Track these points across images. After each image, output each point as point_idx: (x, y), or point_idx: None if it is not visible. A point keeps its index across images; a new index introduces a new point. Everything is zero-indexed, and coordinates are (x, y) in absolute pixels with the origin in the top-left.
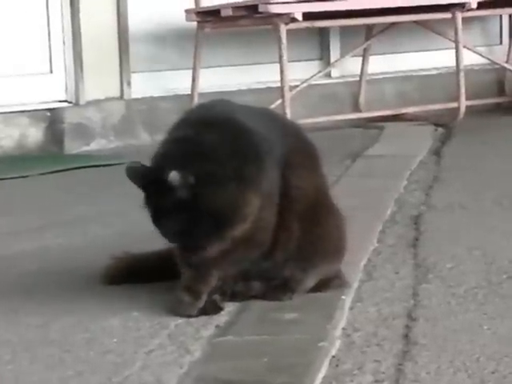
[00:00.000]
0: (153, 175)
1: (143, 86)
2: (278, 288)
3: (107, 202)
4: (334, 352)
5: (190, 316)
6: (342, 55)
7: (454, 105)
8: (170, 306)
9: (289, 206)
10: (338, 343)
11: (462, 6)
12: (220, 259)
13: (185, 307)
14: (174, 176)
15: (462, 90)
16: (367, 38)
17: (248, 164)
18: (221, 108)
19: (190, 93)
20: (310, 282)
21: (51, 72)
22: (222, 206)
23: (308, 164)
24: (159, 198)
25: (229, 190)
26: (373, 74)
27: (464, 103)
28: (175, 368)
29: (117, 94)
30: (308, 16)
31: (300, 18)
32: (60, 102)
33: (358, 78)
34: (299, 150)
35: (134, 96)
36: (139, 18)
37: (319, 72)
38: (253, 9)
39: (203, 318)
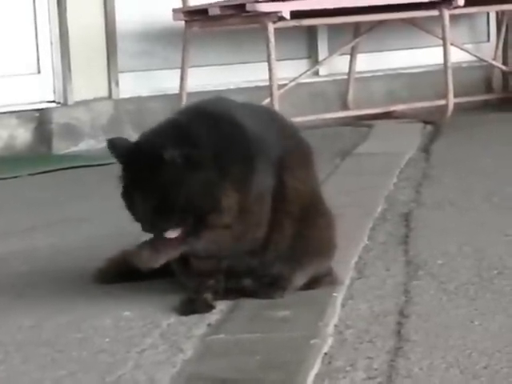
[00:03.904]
0: (142, 149)
1: (131, 85)
2: (269, 286)
3: (98, 202)
4: (326, 349)
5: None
6: (330, 53)
7: (443, 102)
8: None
9: (283, 206)
10: (330, 340)
11: (449, 4)
12: (205, 245)
13: (144, 260)
14: (170, 153)
15: (450, 88)
16: (355, 36)
17: (234, 160)
18: (219, 105)
19: (178, 92)
20: (300, 280)
21: (39, 72)
22: (198, 192)
23: (304, 165)
24: (142, 172)
25: (209, 179)
26: (361, 72)
27: (452, 100)
28: (168, 367)
29: (105, 93)
30: (296, 14)
31: (288, 16)
32: (48, 102)
33: (346, 77)
34: (296, 150)
35: (122, 96)
36: (127, 18)
37: (307, 70)
38: (240, 8)
39: (195, 317)
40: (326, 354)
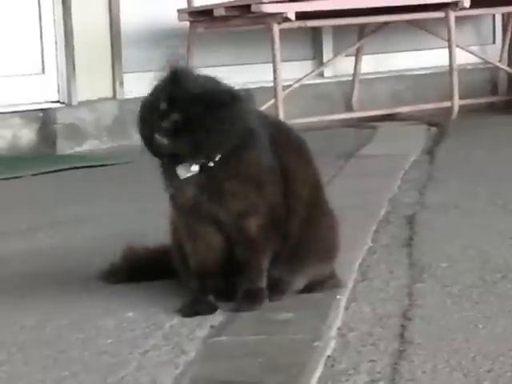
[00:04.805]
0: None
1: (136, 86)
2: (268, 288)
3: (101, 203)
4: (329, 352)
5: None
6: (335, 55)
7: (448, 104)
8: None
9: (292, 189)
10: (333, 343)
11: (454, 5)
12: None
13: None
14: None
15: (455, 90)
16: (360, 38)
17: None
18: None
19: None
20: (299, 283)
21: (43, 72)
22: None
23: (301, 163)
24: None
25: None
26: (366, 74)
27: (457, 102)
28: (170, 368)
29: (109, 94)
30: (301, 16)
31: (293, 17)
32: (52, 102)
33: (350, 78)
34: (292, 150)
35: (126, 96)
36: (131, 18)
37: (312, 72)
38: (246, 8)
39: (198, 319)
40: (329, 356)
